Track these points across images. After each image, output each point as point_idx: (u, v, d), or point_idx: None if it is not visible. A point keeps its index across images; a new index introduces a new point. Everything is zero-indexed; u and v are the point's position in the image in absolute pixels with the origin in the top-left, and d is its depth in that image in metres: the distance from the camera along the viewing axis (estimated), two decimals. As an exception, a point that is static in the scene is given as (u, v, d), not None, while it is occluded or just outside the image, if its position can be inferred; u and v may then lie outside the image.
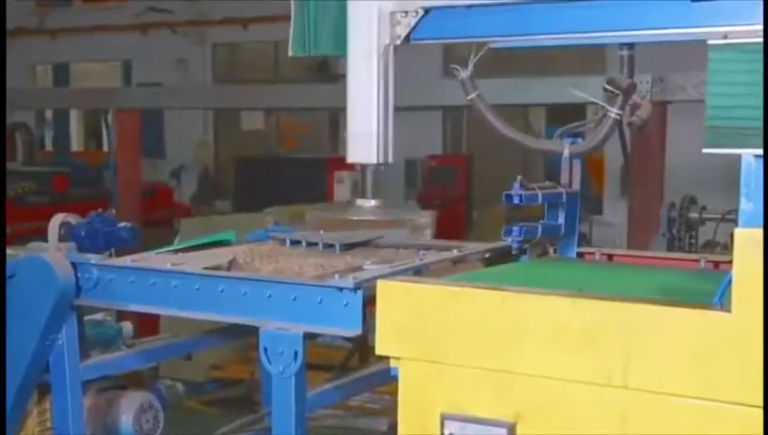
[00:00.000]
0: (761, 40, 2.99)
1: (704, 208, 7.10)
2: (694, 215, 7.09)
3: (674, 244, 6.97)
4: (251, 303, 3.23)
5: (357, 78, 3.50)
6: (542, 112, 12.05)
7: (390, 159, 3.56)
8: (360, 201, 3.90)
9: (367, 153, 3.50)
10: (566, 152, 3.53)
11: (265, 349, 3.13)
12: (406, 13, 3.44)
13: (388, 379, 3.03)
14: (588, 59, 12.84)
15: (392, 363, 2.96)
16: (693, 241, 7.10)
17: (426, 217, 7.54)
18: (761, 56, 2.98)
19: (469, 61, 3.44)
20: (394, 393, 2.97)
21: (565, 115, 6.50)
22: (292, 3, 3.60)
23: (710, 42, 3.08)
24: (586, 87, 3.78)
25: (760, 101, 2.99)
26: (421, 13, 3.42)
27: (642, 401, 2.62)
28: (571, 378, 2.70)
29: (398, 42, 3.47)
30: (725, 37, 3.07)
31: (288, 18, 3.61)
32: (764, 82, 2.90)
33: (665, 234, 7.02)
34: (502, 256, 3.72)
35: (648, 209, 7.45)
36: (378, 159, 3.50)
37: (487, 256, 3.73)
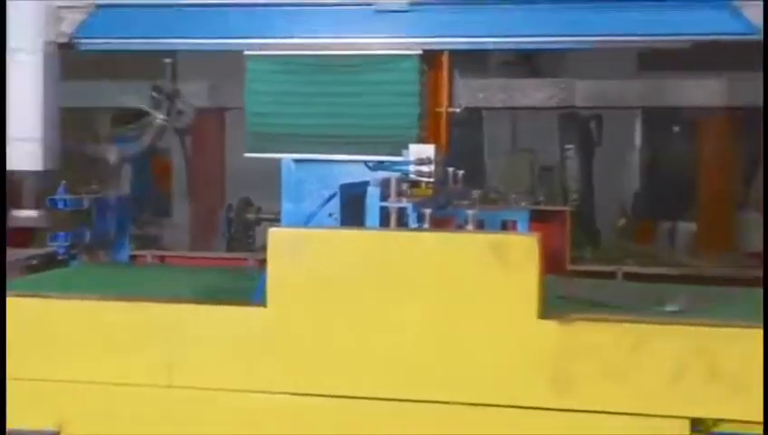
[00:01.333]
0: (295, 52, 3.21)
1: (259, 209, 7.34)
2: (250, 215, 7.32)
3: (233, 244, 7.14)
4: None
5: (19, 79, 3.28)
6: (107, 115, 11.74)
7: (56, 166, 3.38)
8: (16, 212, 3.51)
9: (33, 160, 3.31)
10: (113, 157, 3.55)
11: None
12: (72, 9, 3.25)
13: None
14: (154, 65, 12.73)
15: None
16: (251, 241, 7.31)
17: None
18: (295, 67, 3.20)
19: None
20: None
21: (129, 118, 6.42)
22: None
23: (247, 52, 3.24)
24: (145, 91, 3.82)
25: (295, 109, 3.22)
26: (92, 9, 3.25)
27: (187, 399, 2.68)
28: (116, 381, 2.70)
29: (64, 40, 3.27)
30: (261, 48, 3.24)
31: None
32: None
33: (224, 235, 7.18)
34: (50, 263, 3.61)
35: (210, 211, 7.59)
36: (44, 166, 3.31)
37: (33, 262, 3.61)
